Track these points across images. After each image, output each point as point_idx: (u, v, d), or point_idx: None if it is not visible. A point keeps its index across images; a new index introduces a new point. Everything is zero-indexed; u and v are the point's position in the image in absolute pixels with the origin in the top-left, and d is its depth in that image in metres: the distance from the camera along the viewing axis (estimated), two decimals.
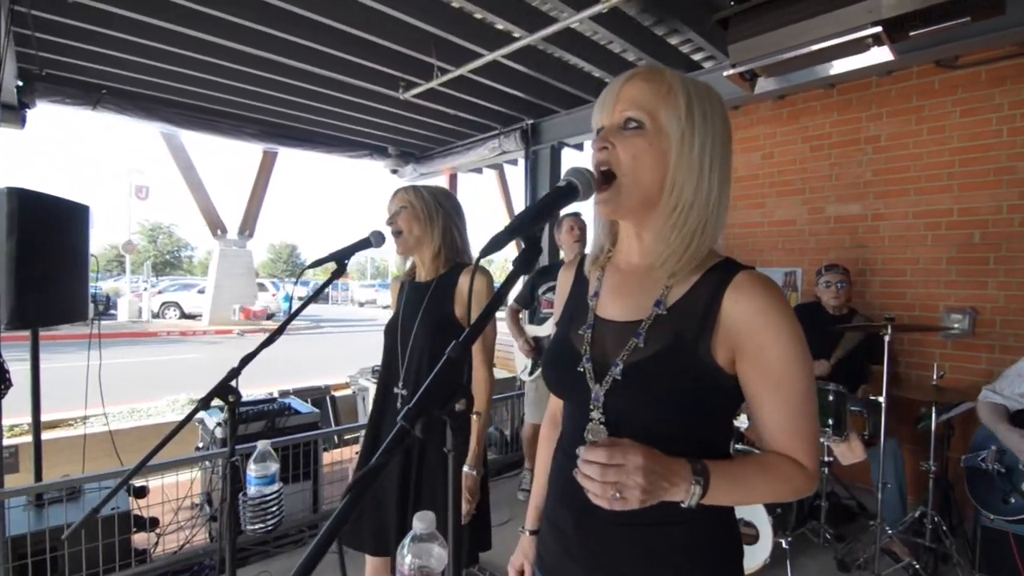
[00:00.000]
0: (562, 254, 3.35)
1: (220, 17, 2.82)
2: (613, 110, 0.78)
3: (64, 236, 2.57)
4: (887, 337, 2.53)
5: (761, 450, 0.79)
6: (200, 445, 3.30)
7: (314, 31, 2.98)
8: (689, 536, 0.78)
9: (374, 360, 2.92)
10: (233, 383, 1.36)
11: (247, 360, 1.37)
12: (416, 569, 0.70)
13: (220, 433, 2.95)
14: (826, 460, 2.67)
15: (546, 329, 3.25)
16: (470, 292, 0.68)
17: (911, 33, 1.99)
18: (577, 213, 3.34)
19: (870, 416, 2.69)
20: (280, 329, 1.41)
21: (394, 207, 1.67)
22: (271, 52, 3.17)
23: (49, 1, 2.68)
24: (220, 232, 13.34)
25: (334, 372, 7.24)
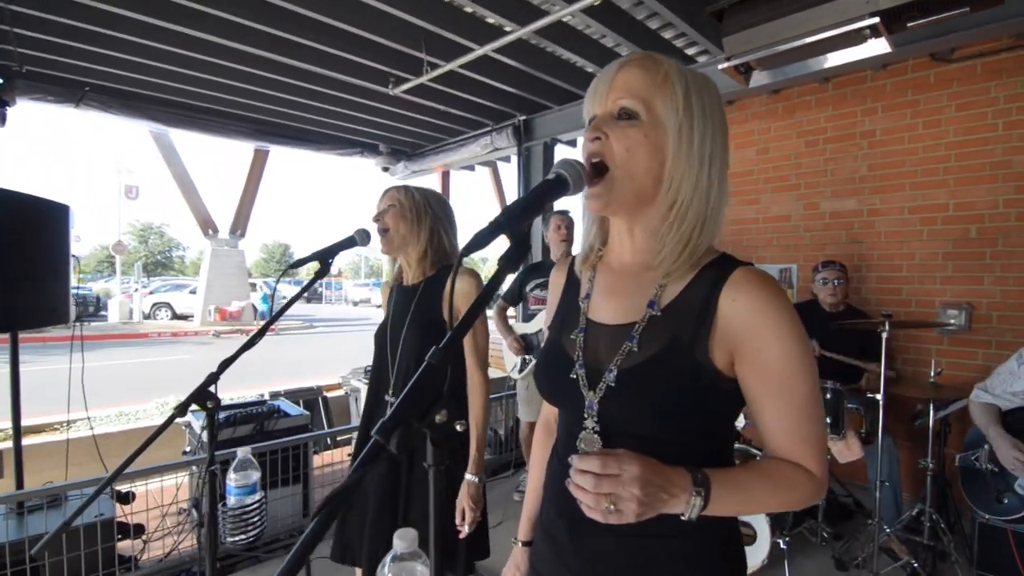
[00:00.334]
0: (552, 252, 3.31)
1: (206, 12, 2.76)
2: (606, 98, 0.74)
3: (43, 236, 2.50)
4: (885, 334, 2.50)
5: (763, 453, 0.74)
6: (188, 449, 3.23)
7: (301, 26, 2.92)
8: (690, 548, 0.73)
9: (367, 360, 2.88)
10: (212, 388, 1.32)
11: (226, 364, 1.32)
12: None
13: (206, 436, 2.88)
14: None
15: (534, 326, 3.24)
16: (451, 292, 0.63)
17: (909, 24, 1.96)
18: (565, 211, 3.33)
19: (867, 414, 2.66)
20: (261, 331, 1.35)
21: (382, 205, 1.63)
22: (258, 48, 3.10)
23: None
24: (211, 232, 13.21)
25: (327, 372, 7.17)
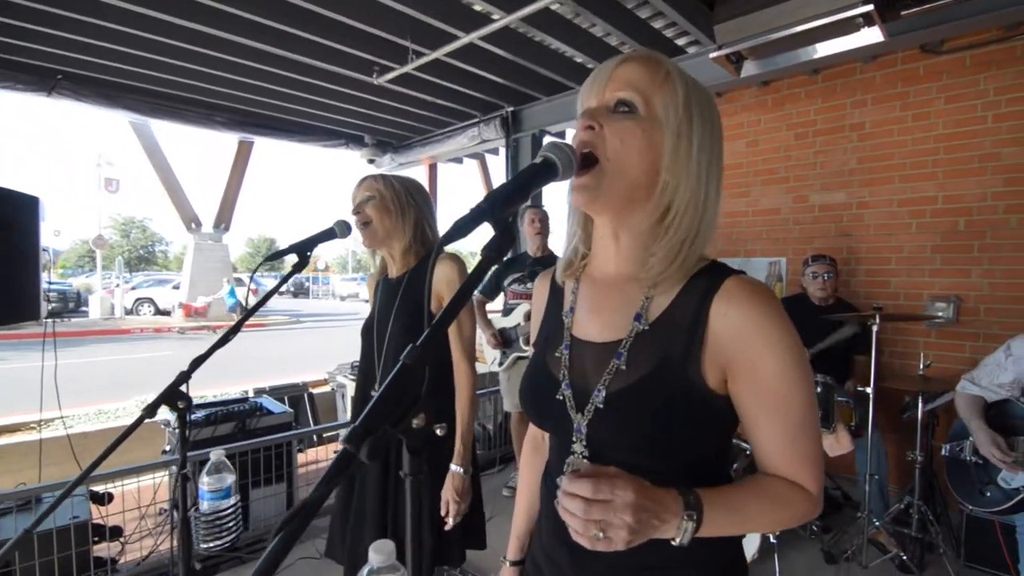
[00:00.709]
0: (528, 246, 3.35)
1: None
2: (604, 90, 0.69)
3: (10, 230, 2.39)
4: (875, 327, 2.49)
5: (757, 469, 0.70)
6: (167, 448, 3.15)
7: (282, 12, 2.82)
8: None
9: (354, 356, 2.83)
10: (184, 387, 1.25)
11: (199, 362, 1.25)
12: None
13: (179, 438, 2.80)
14: None
15: (512, 320, 3.27)
16: (429, 280, 0.58)
17: (903, 12, 1.93)
18: (538, 204, 3.31)
19: (857, 407, 2.66)
20: (235, 328, 1.29)
21: (361, 196, 1.54)
22: (238, 35, 3.00)
23: None
24: (194, 225, 13.00)
25: (313, 368, 7.08)
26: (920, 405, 2.59)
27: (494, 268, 3.36)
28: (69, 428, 4.55)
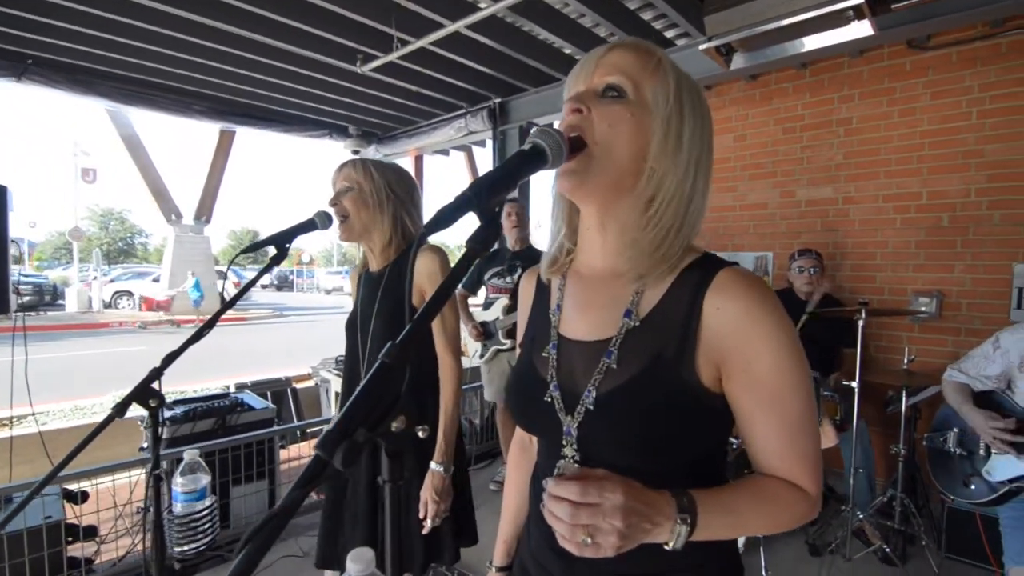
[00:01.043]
0: (507, 240, 3.38)
1: None
2: (592, 75, 0.66)
3: None
4: (861, 322, 2.50)
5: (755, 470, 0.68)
6: (144, 445, 3.06)
7: None
8: None
9: (338, 350, 2.77)
10: (156, 385, 1.20)
11: (171, 359, 1.20)
12: None
13: (166, 433, 2.73)
14: None
15: (492, 314, 3.30)
16: (410, 273, 0.54)
17: (893, 6, 1.91)
18: (515, 198, 3.37)
19: (842, 401, 2.67)
20: (210, 323, 1.23)
21: (339, 184, 1.48)
22: (216, 20, 2.90)
23: None
24: (175, 217, 12.74)
25: (297, 363, 6.98)
26: (904, 399, 2.61)
27: (476, 263, 3.40)
28: (43, 425, 4.43)
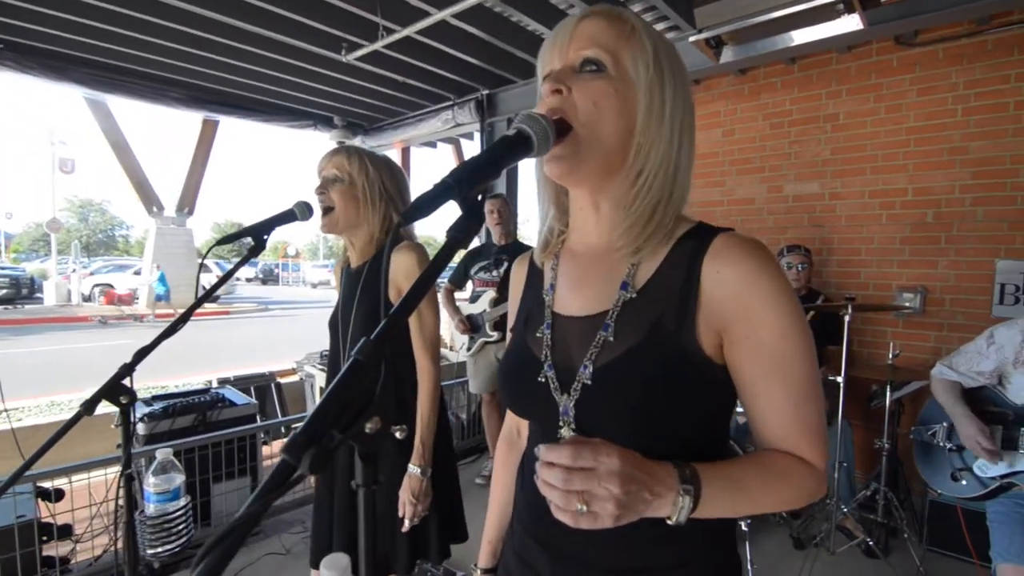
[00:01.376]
0: (493, 235, 3.42)
1: None
2: (567, 49, 0.63)
3: None
4: (847, 317, 2.51)
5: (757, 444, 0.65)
6: (121, 443, 2.99)
7: None
8: None
9: (323, 344, 2.71)
10: (127, 381, 1.15)
11: (143, 354, 1.16)
12: None
13: (143, 429, 2.67)
14: None
15: (478, 307, 3.33)
16: (385, 267, 0.50)
17: (882, 0, 1.90)
18: (498, 193, 3.41)
19: (827, 396, 2.69)
20: (184, 317, 1.19)
21: (328, 171, 1.41)
22: (196, 5, 2.82)
23: None
24: (156, 209, 12.44)
25: (281, 357, 6.89)
26: (888, 394, 2.63)
27: (462, 258, 3.49)
28: (17, 421, 4.32)
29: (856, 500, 2.71)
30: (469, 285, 3.48)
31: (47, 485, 2.44)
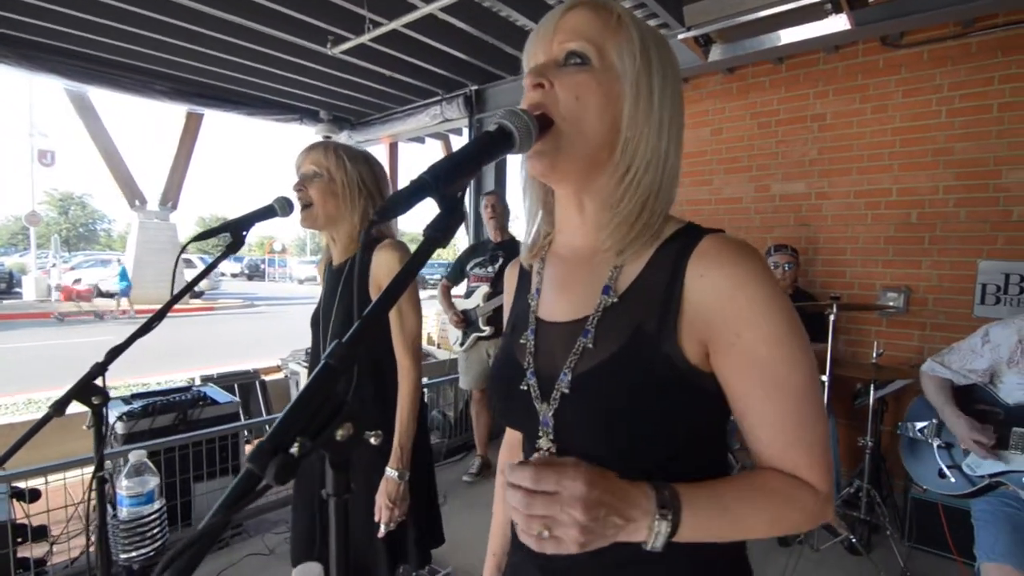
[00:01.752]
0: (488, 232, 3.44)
1: None
2: (551, 43, 0.60)
3: None
4: (832, 316, 2.53)
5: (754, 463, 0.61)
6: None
7: None
8: None
9: (309, 341, 2.68)
10: (99, 381, 1.12)
11: (116, 353, 1.12)
12: None
13: (121, 428, 2.61)
14: None
15: (472, 302, 3.35)
16: (359, 272, 0.48)
17: (870, 0, 1.90)
18: (492, 190, 3.40)
19: None
20: (159, 314, 1.15)
21: (305, 167, 1.39)
22: None
23: None
24: (139, 203, 12.25)
25: (267, 354, 6.81)
26: (872, 392, 2.65)
27: (459, 254, 3.52)
28: None
29: (840, 497, 2.73)
30: (465, 282, 3.50)
31: (22, 485, 2.38)
